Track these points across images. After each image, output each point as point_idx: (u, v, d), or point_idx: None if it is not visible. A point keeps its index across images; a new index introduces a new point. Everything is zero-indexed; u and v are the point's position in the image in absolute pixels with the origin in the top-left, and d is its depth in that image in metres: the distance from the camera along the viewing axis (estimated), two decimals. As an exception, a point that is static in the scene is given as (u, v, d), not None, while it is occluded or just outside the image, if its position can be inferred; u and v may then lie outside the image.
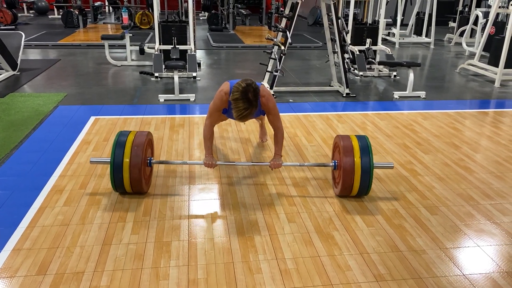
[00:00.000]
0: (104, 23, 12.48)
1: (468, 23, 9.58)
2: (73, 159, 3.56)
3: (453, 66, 7.96)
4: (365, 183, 2.86)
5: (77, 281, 2.16)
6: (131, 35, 7.26)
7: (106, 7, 14.93)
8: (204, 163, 3.06)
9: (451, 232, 2.66)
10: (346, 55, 6.31)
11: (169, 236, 2.55)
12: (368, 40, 6.82)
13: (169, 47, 6.41)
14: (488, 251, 2.49)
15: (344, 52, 6.07)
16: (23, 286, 2.12)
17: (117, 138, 2.91)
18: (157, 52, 6.27)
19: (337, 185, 3.04)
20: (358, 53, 6.58)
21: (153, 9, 6.58)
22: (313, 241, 2.53)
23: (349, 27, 6.87)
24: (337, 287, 2.17)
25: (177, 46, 6.39)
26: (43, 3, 13.95)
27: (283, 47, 5.57)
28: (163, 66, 6.04)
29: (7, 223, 2.64)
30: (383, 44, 7.47)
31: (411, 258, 2.40)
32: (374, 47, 6.87)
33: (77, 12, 11.04)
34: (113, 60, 7.28)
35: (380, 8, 7.41)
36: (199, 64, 7.20)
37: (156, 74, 6.39)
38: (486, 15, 9.01)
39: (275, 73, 5.58)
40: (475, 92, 6.18)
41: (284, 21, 5.86)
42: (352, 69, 6.56)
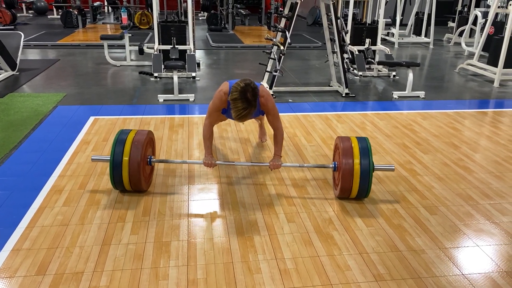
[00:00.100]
0: (103, 23, 12.47)
1: (467, 23, 9.59)
2: (73, 159, 3.56)
3: (452, 66, 7.97)
4: (364, 186, 2.84)
5: (76, 281, 2.16)
6: (130, 35, 7.26)
7: (105, 7, 14.92)
8: (203, 162, 3.06)
9: (450, 232, 2.67)
10: (345, 55, 6.31)
11: (168, 236, 2.55)
12: (368, 40, 6.82)
13: (168, 47, 6.40)
14: (487, 250, 2.49)
15: (344, 52, 6.07)
16: (22, 286, 2.12)
17: (117, 136, 2.93)
18: (156, 52, 6.27)
19: (336, 187, 3.03)
20: (357, 53, 6.58)
21: (152, 9, 6.57)
22: (312, 241, 2.53)
23: (349, 27, 6.87)
24: (337, 287, 2.17)
25: (176, 46, 6.38)
26: (42, 3, 13.94)
27: (282, 47, 5.57)
28: (163, 66, 6.04)
29: (6, 223, 2.64)
30: (382, 44, 7.47)
31: (410, 258, 2.41)
32: (373, 47, 6.87)
33: (76, 12, 11.04)
34: (112, 60, 7.28)
35: (379, 8, 7.42)
36: (198, 64, 7.20)
37: (156, 74, 6.39)
38: (485, 15, 9.02)
39: (274, 73, 5.58)
40: (474, 92, 6.19)
41: (284, 21, 5.86)
42: (352, 69, 6.57)
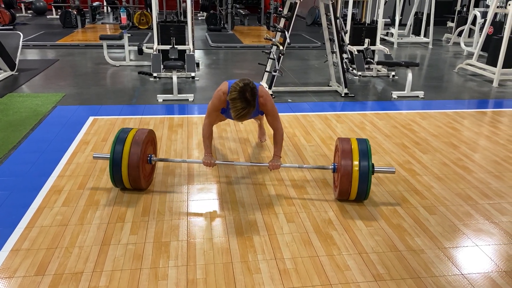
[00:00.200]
0: (102, 23, 12.46)
1: (466, 23, 9.59)
2: (72, 159, 3.56)
3: (451, 66, 7.97)
4: (363, 189, 2.81)
5: (75, 281, 2.16)
6: (129, 35, 7.25)
7: (105, 7, 14.91)
8: (203, 162, 3.07)
9: (449, 232, 2.67)
10: (344, 55, 6.31)
11: (168, 236, 2.55)
12: (367, 40, 6.82)
13: (167, 47, 6.40)
14: (487, 250, 2.49)
15: (343, 52, 6.07)
16: (21, 286, 2.12)
17: (118, 134, 2.96)
18: (155, 52, 6.27)
19: (336, 189, 3.02)
20: (356, 53, 6.58)
21: (151, 9, 6.58)
22: (312, 241, 2.53)
23: (348, 27, 6.87)
24: (336, 287, 2.17)
25: (175, 46, 6.38)
26: (41, 3, 13.93)
27: (281, 47, 5.57)
28: (162, 66, 6.04)
29: (5, 224, 2.64)
30: (381, 44, 7.47)
31: (409, 258, 2.41)
32: (372, 47, 6.87)
33: (75, 12, 11.03)
34: (111, 60, 7.27)
35: (379, 8, 7.42)
36: (197, 64, 7.20)
37: (155, 74, 6.39)
38: (484, 15, 9.03)
39: (273, 73, 5.58)
40: (473, 92, 6.19)
41: (283, 21, 5.86)
42: (351, 69, 6.57)
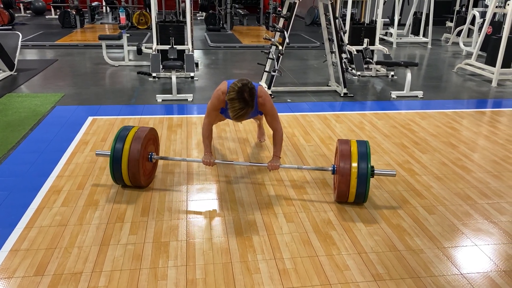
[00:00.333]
0: (101, 23, 12.45)
1: (465, 23, 9.60)
2: (71, 160, 3.55)
3: (450, 66, 7.98)
4: (362, 192, 2.77)
5: (75, 281, 2.16)
6: (128, 35, 7.24)
7: (104, 7, 14.90)
8: (202, 161, 3.07)
9: (448, 232, 2.67)
10: (343, 55, 6.31)
11: (167, 236, 2.55)
12: (366, 40, 6.82)
13: (166, 47, 6.39)
14: (486, 250, 2.50)
15: (342, 52, 6.07)
16: (21, 286, 2.12)
17: (119, 131, 2.99)
18: (154, 52, 6.26)
19: (335, 190, 3.01)
20: (355, 53, 6.58)
21: (150, 9, 6.57)
22: (311, 241, 2.54)
23: (347, 27, 6.87)
24: (336, 286, 2.17)
25: (174, 46, 6.38)
26: (40, 3, 13.91)
27: (280, 47, 5.57)
28: (161, 66, 6.04)
29: (4, 224, 2.63)
30: (380, 44, 7.48)
31: (409, 258, 2.41)
32: (371, 47, 6.88)
33: (74, 12, 11.02)
34: (110, 60, 7.27)
35: (378, 8, 7.42)
36: (196, 64, 7.20)
37: (154, 74, 6.38)
38: (483, 15, 9.04)
39: (273, 73, 5.58)
40: (472, 92, 6.20)
41: (282, 21, 5.86)
42: (350, 69, 6.57)
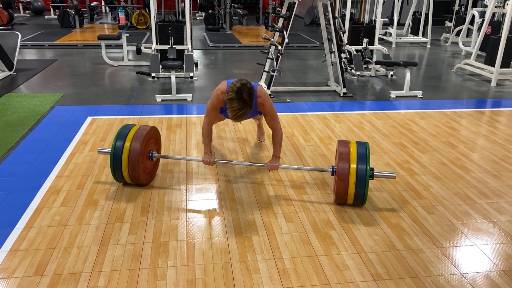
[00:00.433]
0: (100, 23, 12.44)
1: (464, 22, 9.61)
2: (70, 160, 3.55)
3: (449, 66, 7.99)
4: (360, 194, 2.75)
5: (74, 281, 2.16)
6: (127, 35, 7.24)
7: (103, 7, 14.89)
8: (202, 160, 3.08)
9: (448, 231, 2.67)
10: (343, 55, 6.31)
11: (166, 236, 2.55)
12: (365, 40, 6.82)
13: (166, 47, 6.39)
14: (485, 249, 2.50)
15: (341, 51, 6.07)
16: (20, 287, 2.12)
17: (120, 129, 3.01)
18: (154, 52, 6.26)
19: (334, 192, 3.01)
20: (355, 52, 6.58)
21: (149, 9, 6.57)
22: (310, 241, 2.54)
23: (346, 26, 6.87)
24: (335, 286, 2.17)
25: (174, 46, 6.38)
26: (39, 3, 13.91)
27: (280, 47, 5.57)
28: (160, 66, 6.04)
29: (4, 224, 2.63)
30: (380, 43, 7.48)
31: (408, 257, 2.41)
32: (371, 47, 6.87)
33: (73, 12, 11.01)
34: (110, 60, 7.26)
35: (377, 7, 7.42)
36: (196, 64, 7.19)
37: (153, 74, 6.38)
38: (482, 14, 9.05)
39: (272, 73, 5.58)
40: (471, 92, 6.20)
41: (281, 21, 5.86)
42: (349, 68, 6.57)
